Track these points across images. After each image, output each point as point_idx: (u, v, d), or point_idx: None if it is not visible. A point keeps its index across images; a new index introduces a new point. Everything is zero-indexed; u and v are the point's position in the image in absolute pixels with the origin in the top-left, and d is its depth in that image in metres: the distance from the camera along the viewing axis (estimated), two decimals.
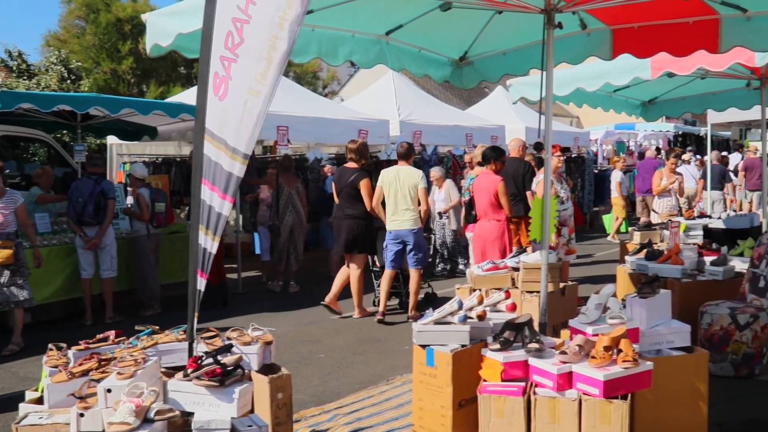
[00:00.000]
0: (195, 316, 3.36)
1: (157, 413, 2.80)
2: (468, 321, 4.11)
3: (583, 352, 3.62)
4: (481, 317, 4.21)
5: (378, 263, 8.22)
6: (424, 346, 4.06)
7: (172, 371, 3.33)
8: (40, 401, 3.29)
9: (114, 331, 3.70)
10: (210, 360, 3.12)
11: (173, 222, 8.77)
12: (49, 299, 7.60)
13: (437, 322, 4.09)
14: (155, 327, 3.73)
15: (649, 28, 5.11)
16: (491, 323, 4.18)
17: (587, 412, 3.43)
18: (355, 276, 7.60)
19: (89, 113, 8.83)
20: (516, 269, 5.82)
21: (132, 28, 19.81)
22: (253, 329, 3.69)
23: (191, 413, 3.02)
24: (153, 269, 8.16)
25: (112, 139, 12.20)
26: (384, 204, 7.49)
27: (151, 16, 4.72)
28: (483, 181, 7.17)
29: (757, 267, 5.68)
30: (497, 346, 3.82)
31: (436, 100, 15.05)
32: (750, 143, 20.97)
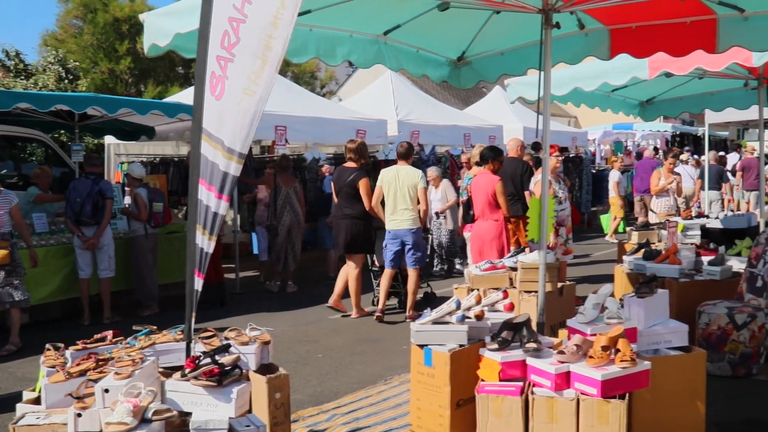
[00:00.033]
0: (192, 316, 3.36)
1: (155, 413, 2.80)
2: (466, 321, 4.11)
3: (581, 351, 3.62)
4: (479, 317, 4.21)
5: (377, 263, 8.22)
6: (422, 345, 4.06)
7: (169, 371, 3.32)
8: (37, 401, 3.28)
9: (112, 331, 3.69)
10: (208, 360, 3.12)
11: (171, 222, 8.76)
12: (47, 299, 7.60)
13: (435, 321, 4.09)
14: (153, 327, 3.73)
15: (647, 28, 5.12)
16: (489, 323, 4.18)
17: (585, 411, 3.43)
18: (353, 275, 7.60)
19: (87, 113, 8.83)
20: (514, 269, 5.81)
21: (130, 27, 19.78)
22: (251, 329, 3.69)
23: (189, 413, 3.01)
24: (151, 269, 8.16)
25: (109, 139, 12.21)
26: (383, 203, 7.50)
27: (149, 16, 4.72)
28: (481, 181, 7.17)
29: (755, 267, 5.69)
30: (495, 345, 3.82)
31: (434, 100, 15.05)
32: (747, 143, 20.99)
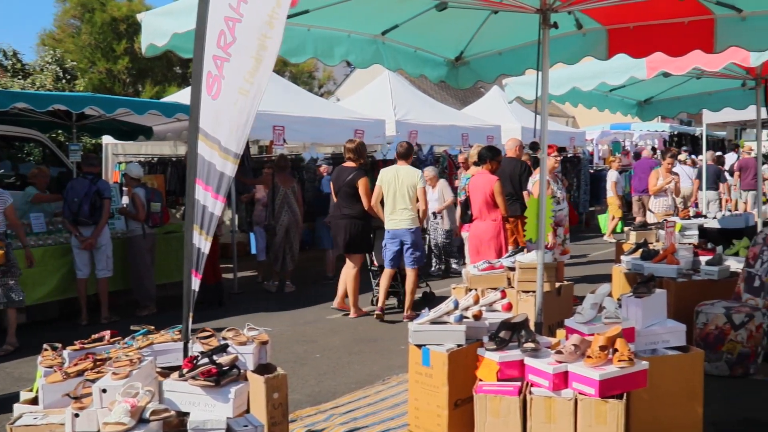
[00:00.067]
0: (190, 315, 3.36)
1: (153, 413, 2.79)
2: (464, 321, 4.11)
3: (579, 351, 3.62)
4: (477, 317, 4.21)
5: (376, 262, 8.22)
6: (420, 345, 4.06)
7: (167, 371, 3.32)
8: (35, 401, 3.28)
9: (109, 331, 3.68)
10: (206, 360, 3.11)
11: (169, 222, 8.76)
12: (45, 299, 7.59)
13: (433, 321, 4.09)
14: (150, 327, 3.72)
15: (645, 28, 5.12)
16: (487, 323, 4.18)
17: (583, 411, 3.43)
18: (351, 275, 7.60)
19: (84, 113, 8.83)
20: (512, 269, 5.82)
21: (127, 27, 19.77)
22: (249, 329, 3.69)
23: (187, 413, 3.01)
24: (148, 269, 8.15)
25: (107, 139, 12.20)
26: (383, 203, 7.50)
27: (147, 15, 4.71)
28: (479, 181, 7.17)
29: (752, 266, 5.69)
30: (493, 345, 3.82)
31: (432, 99, 15.05)
32: (745, 143, 21.03)
